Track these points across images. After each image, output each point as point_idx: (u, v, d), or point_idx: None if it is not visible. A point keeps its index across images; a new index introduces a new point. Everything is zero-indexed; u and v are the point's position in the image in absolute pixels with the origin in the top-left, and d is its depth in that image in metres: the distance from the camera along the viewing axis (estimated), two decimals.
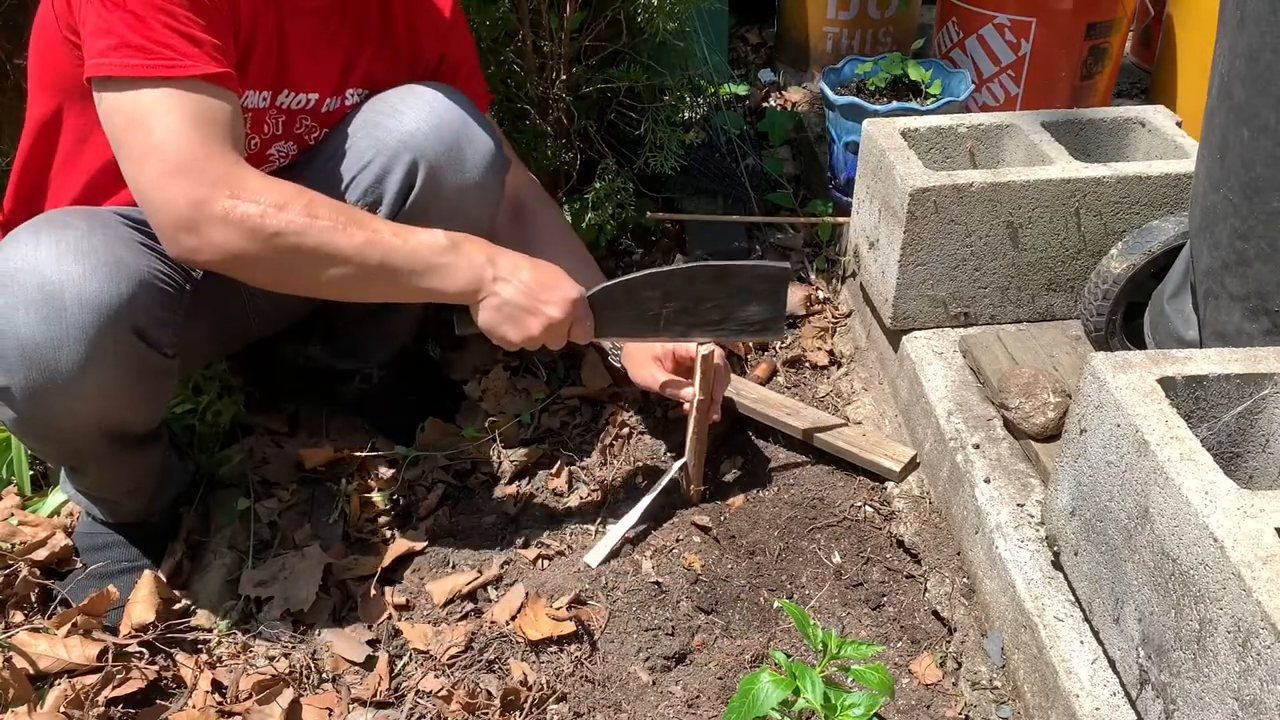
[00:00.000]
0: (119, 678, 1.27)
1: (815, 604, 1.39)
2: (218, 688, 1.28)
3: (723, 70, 2.32)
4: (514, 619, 1.35)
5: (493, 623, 1.36)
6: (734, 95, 2.39)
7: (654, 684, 1.28)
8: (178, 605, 1.40)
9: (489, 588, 1.43)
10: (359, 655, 1.34)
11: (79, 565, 1.45)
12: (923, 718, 1.25)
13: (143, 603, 1.35)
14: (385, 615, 1.41)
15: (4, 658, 1.26)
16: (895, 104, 1.96)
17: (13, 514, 1.52)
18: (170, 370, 1.27)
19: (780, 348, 1.89)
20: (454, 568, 1.48)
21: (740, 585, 1.41)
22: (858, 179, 1.77)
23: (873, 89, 2.04)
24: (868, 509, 1.53)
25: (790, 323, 1.94)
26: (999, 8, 2.17)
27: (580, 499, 1.59)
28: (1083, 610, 1.15)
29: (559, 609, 1.34)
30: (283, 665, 1.32)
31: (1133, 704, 1.04)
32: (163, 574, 1.41)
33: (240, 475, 1.60)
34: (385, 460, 1.64)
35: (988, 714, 1.22)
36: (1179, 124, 1.68)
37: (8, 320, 1.11)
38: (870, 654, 1.11)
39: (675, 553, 1.46)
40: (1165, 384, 1.04)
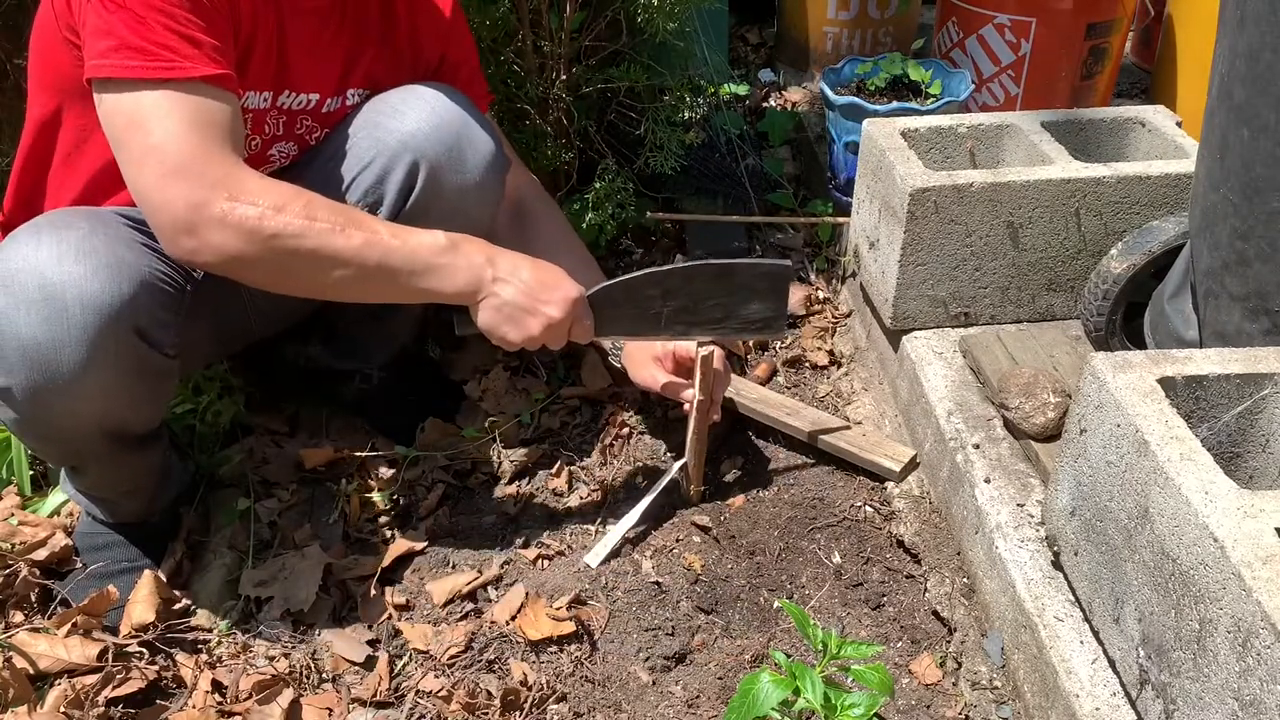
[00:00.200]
0: (119, 678, 1.27)
1: (815, 604, 1.39)
2: (218, 688, 1.28)
3: (723, 70, 2.32)
4: (514, 619, 1.35)
5: (493, 623, 1.36)
6: (734, 95, 2.39)
7: (654, 684, 1.28)
8: (178, 605, 1.40)
9: (489, 588, 1.43)
10: (359, 655, 1.34)
11: (79, 565, 1.45)
12: (923, 718, 1.25)
13: (143, 603, 1.35)
14: (385, 615, 1.41)
15: (4, 658, 1.26)
16: (895, 104, 1.96)
17: (13, 514, 1.52)
18: (171, 370, 1.27)
19: (780, 348, 1.89)
20: (454, 568, 1.48)
21: (740, 585, 1.41)
22: (858, 179, 1.77)
23: (873, 89, 2.04)
24: (868, 509, 1.53)
25: (790, 323, 1.94)
26: (999, 8, 2.17)
27: (580, 499, 1.59)
28: (1083, 610, 1.15)
29: (559, 609, 1.34)
30: (283, 665, 1.32)
31: (1133, 704, 1.04)
32: (163, 574, 1.41)
33: (240, 475, 1.60)
34: (385, 460, 1.64)
35: (988, 714, 1.22)
36: (1179, 124, 1.68)
37: (9, 321, 1.11)
38: (870, 654, 1.11)
39: (675, 553, 1.46)
40: (1165, 384, 1.04)
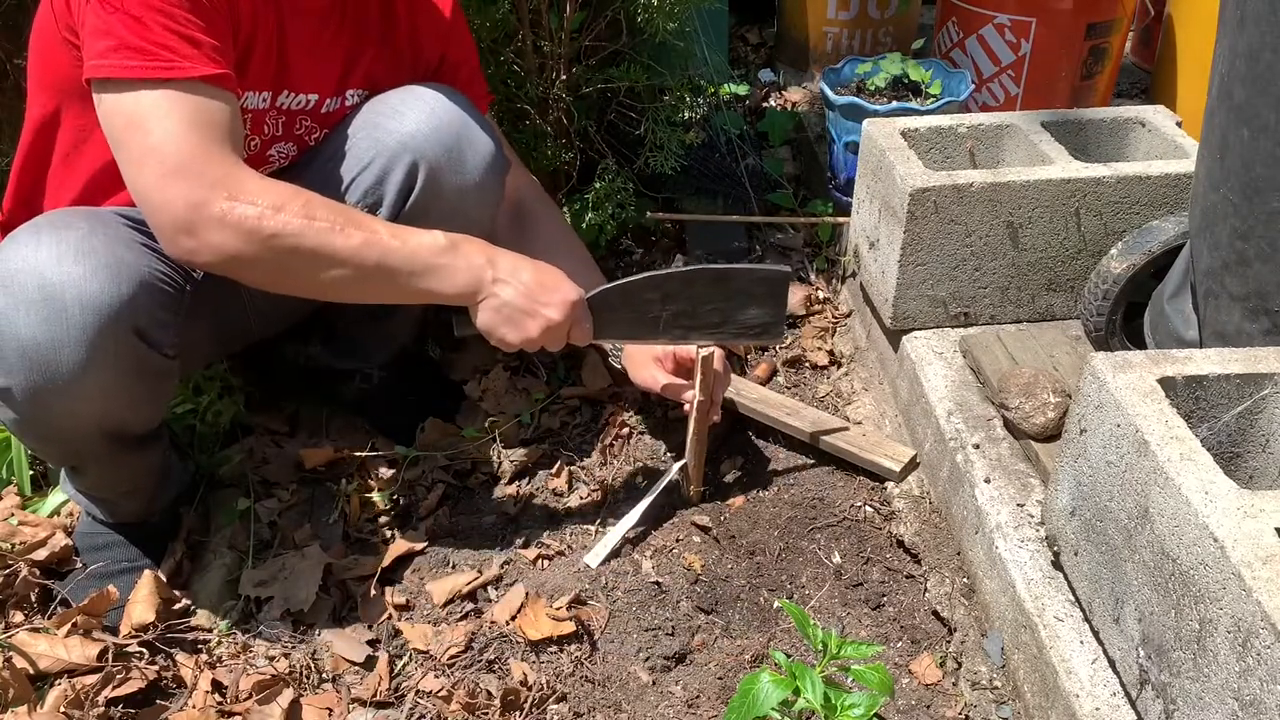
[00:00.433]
0: (119, 678, 1.27)
1: (815, 604, 1.39)
2: (218, 688, 1.28)
3: (723, 70, 2.32)
4: (514, 619, 1.35)
5: (493, 623, 1.36)
6: (734, 95, 2.39)
7: (654, 684, 1.28)
8: (178, 605, 1.40)
9: (489, 588, 1.43)
10: (359, 655, 1.34)
11: (79, 565, 1.45)
12: (923, 718, 1.24)
13: (143, 603, 1.35)
14: (385, 615, 1.41)
15: (4, 658, 1.26)
16: (895, 104, 1.96)
17: (13, 514, 1.52)
18: (171, 371, 1.27)
19: (780, 348, 1.89)
20: (454, 568, 1.48)
21: (740, 585, 1.41)
22: (858, 179, 1.77)
23: (873, 89, 2.04)
24: (868, 509, 1.53)
25: (790, 323, 1.94)
26: (999, 8, 2.17)
27: (580, 499, 1.59)
28: (1083, 610, 1.15)
29: (559, 609, 1.34)
30: (283, 665, 1.32)
31: (1133, 704, 1.04)
32: (163, 574, 1.41)
33: (240, 475, 1.60)
34: (385, 460, 1.64)
35: (988, 714, 1.22)
36: (1179, 124, 1.68)
37: (8, 321, 1.11)
38: (870, 654, 1.11)
39: (675, 553, 1.46)
40: (1165, 384, 1.04)
